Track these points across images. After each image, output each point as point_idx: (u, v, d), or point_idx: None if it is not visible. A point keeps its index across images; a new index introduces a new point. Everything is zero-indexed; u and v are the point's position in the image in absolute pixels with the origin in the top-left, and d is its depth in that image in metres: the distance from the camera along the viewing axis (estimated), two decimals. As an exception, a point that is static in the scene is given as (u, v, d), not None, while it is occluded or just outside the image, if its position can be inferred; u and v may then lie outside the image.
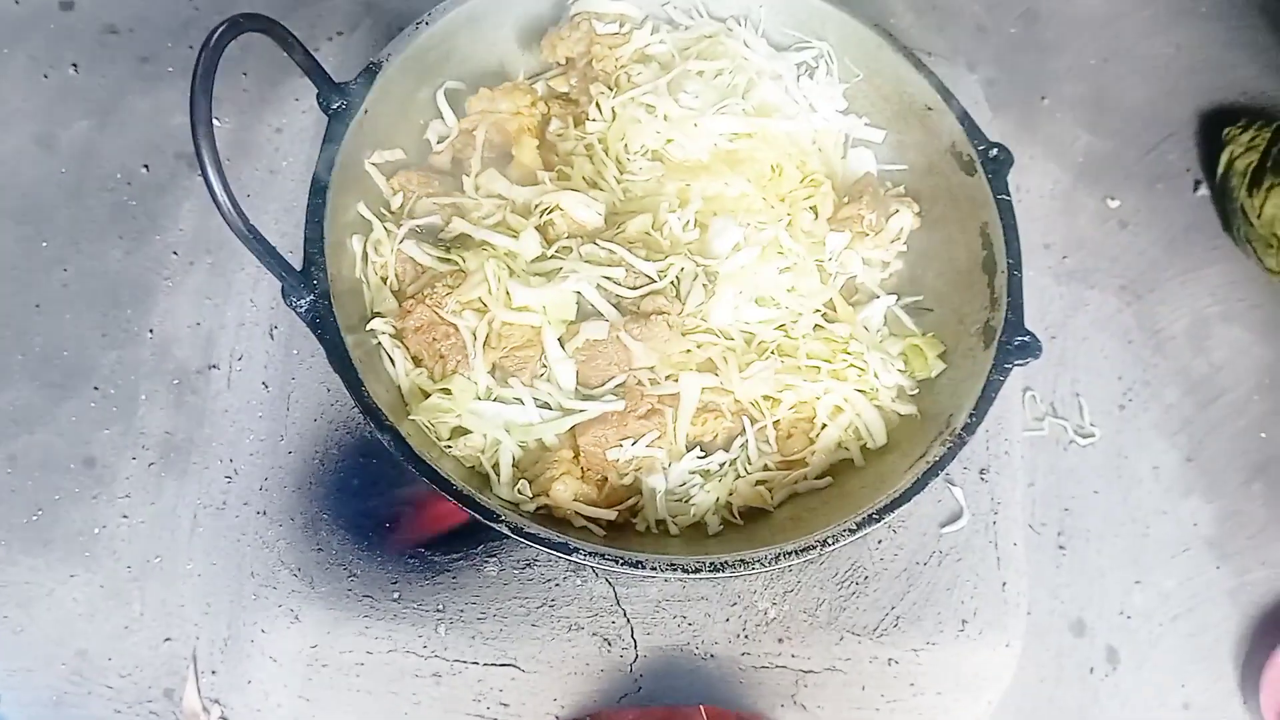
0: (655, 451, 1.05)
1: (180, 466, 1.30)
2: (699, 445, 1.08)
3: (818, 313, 1.15)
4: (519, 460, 1.05)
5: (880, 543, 1.16)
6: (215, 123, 1.44)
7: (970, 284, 1.14)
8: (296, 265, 0.99)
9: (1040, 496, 1.42)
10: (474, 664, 1.09)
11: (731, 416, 1.09)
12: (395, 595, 1.09)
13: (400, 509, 1.12)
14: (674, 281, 1.10)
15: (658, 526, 1.06)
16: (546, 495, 1.02)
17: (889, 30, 1.22)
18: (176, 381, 1.35)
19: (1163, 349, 1.55)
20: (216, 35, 0.88)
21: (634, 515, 1.07)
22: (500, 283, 1.06)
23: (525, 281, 1.06)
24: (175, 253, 1.42)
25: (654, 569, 0.93)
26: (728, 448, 1.09)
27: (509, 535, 0.93)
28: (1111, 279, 1.58)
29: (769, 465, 1.10)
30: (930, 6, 1.68)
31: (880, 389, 1.12)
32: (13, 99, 1.51)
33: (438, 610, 1.08)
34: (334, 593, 1.09)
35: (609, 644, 1.09)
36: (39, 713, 1.21)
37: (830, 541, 0.96)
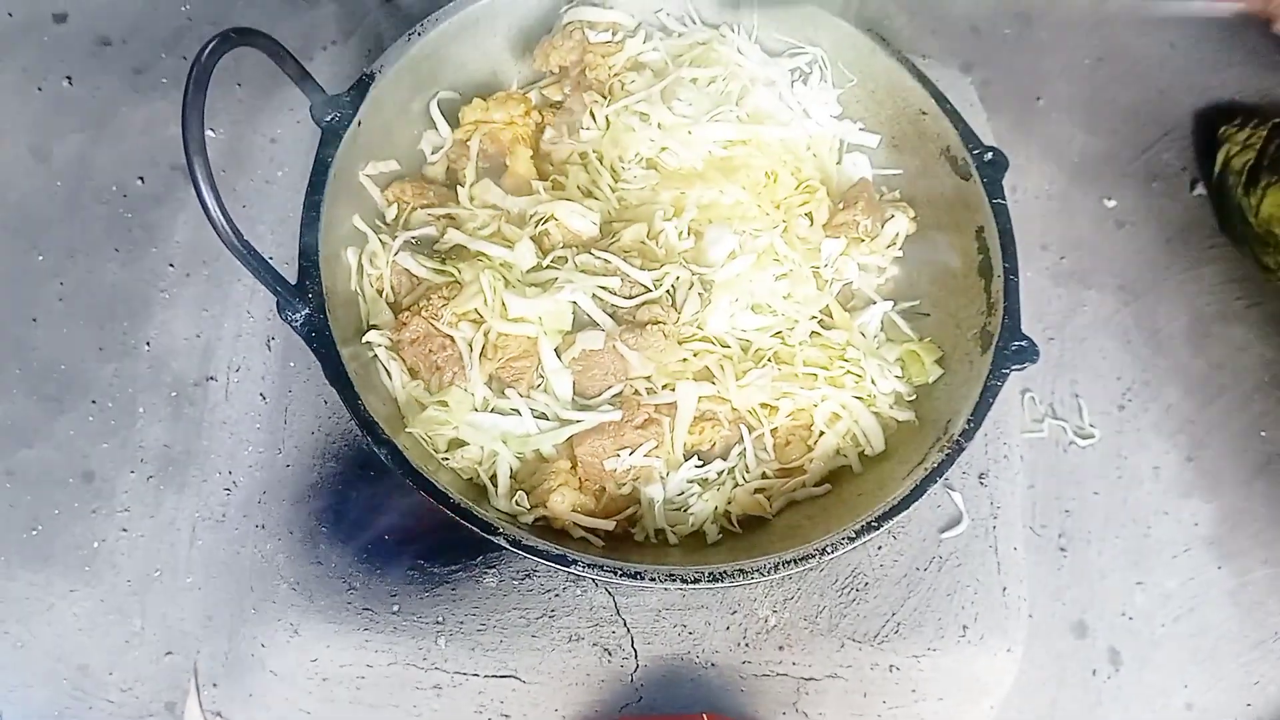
0: (653, 461, 1.05)
1: (179, 479, 1.30)
2: (697, 454, 1.08)
3: (814, 319, 1.15)
4: (516, 471, 1.05)
5: (880, 549, 1.16)
6: (209, 134, 1.47)
7: (967, 289, 1.14)
8: (292, 278, 0.99)
9: (1040, 498, 1.42)
10: (474, 676, 1.09)
11: (729, 425, 1.09)
12: (395, 608, 1.08)
13: (398, 522, 1.12)
14: (670, 290, 1.10)
15: (657, 536, 1.06)
16: (544, 506, 1.02)
17: (882, 35, 1.22)
18: (174, 394, 1.35)
19: (1162, 348, 1.55)
20: (207, 51, 0.87)
21: (633, 525, 1.07)
22: (496, 294, 1.06)
23: (521, 292, 1.06)
24: (171, 265, 1.42)
25: (653, 579, 0.93)
26: (725, 456, 1.09)
27: (508, 548, 0.93)
28: (1109, 279, 1.58)
29: (767, 473, 1.10)
30: (923, 8, 1.68)
31: (878, 395, 1.12)
32: (6, 112, 1.50)
33: (437, 622, 1.08)
34: (333, 606, 1.09)
35: (609, 654, 1.09)
36: (40, 728, 1.21)
37: (829, 550, 0.97)
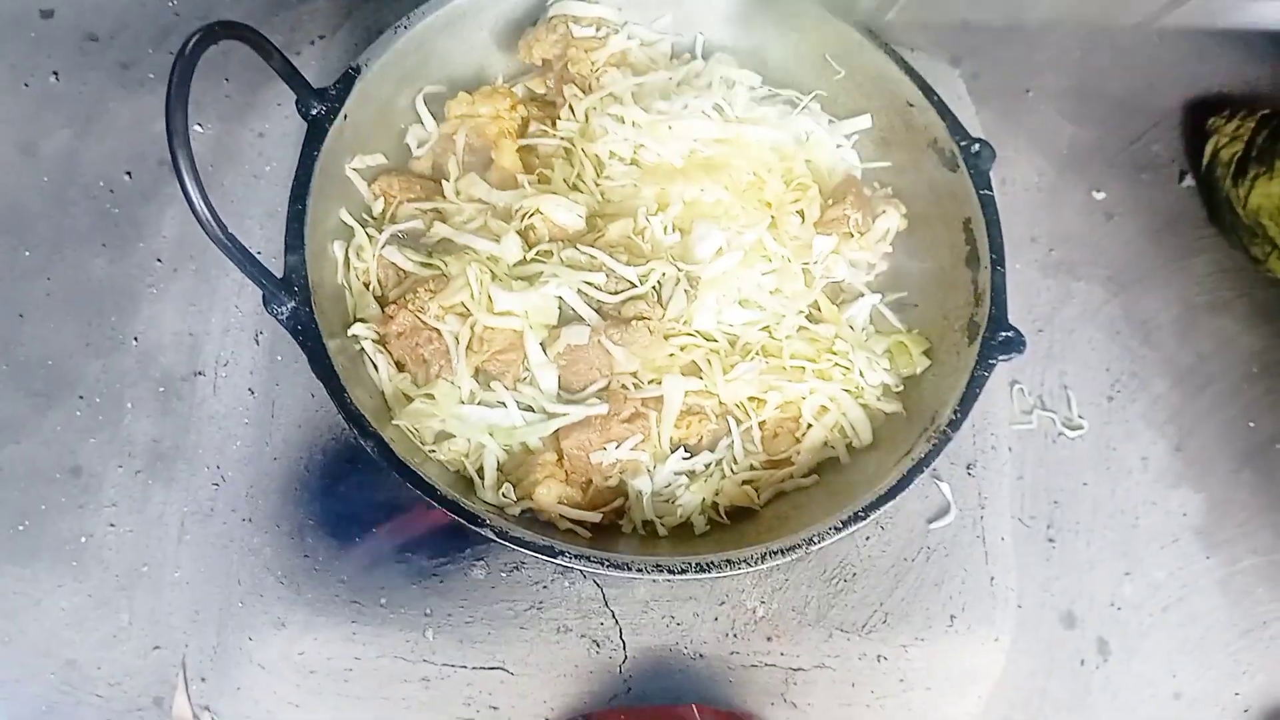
0: (639, 454, 1.05)
1: (167, 474, 1.30)
2: (684, 447, 1.08)
3: (802, 314, 1.15)
4: (503, 464, 1.05)
5: (868, 539, 1.16)
6: (197, 129, 1.47)
7: (954, 280, 1.14)
8: (279, 272, 0.99)
9: (1029, 489, 1.42)
10: (462, 668, 1.09)
11: (716, 418, 1.09)
12: (382, 600, 1.08)
13: (386, 514, 1.12)
14: (655, 287, 1.09)
15: (644, 528, 1.06)
16: (531, 498, 1.02)
17: (869, 27, 1.22)
18: (162, 389, 1.35)
19: (1150, 340, 1.55)
20: (191, 44, 0.87)
21: (620, 517, 1.07)
22: (482, 287, 1.06)
23: (507, 286, 1.06)
24: (159, 260, 1.41)
25: (640, 570, 0.94)
26: (713, 449, 1.09)
27: (494, 539, 0.93)
28: (1098, 270, 1.58)
29: (755, 465, 1.10)
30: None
31: (866, 387, 1.12)
32: (-7, 107, 1.50)
33: (425, 614, 1.08)
34: (321, 598, 1.09)
35: (598, 645, 1.10)
36: (29, 723, 1.21)
37: (817, 540, 0.97)
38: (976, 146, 1.14)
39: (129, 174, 1.46)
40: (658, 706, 1.12)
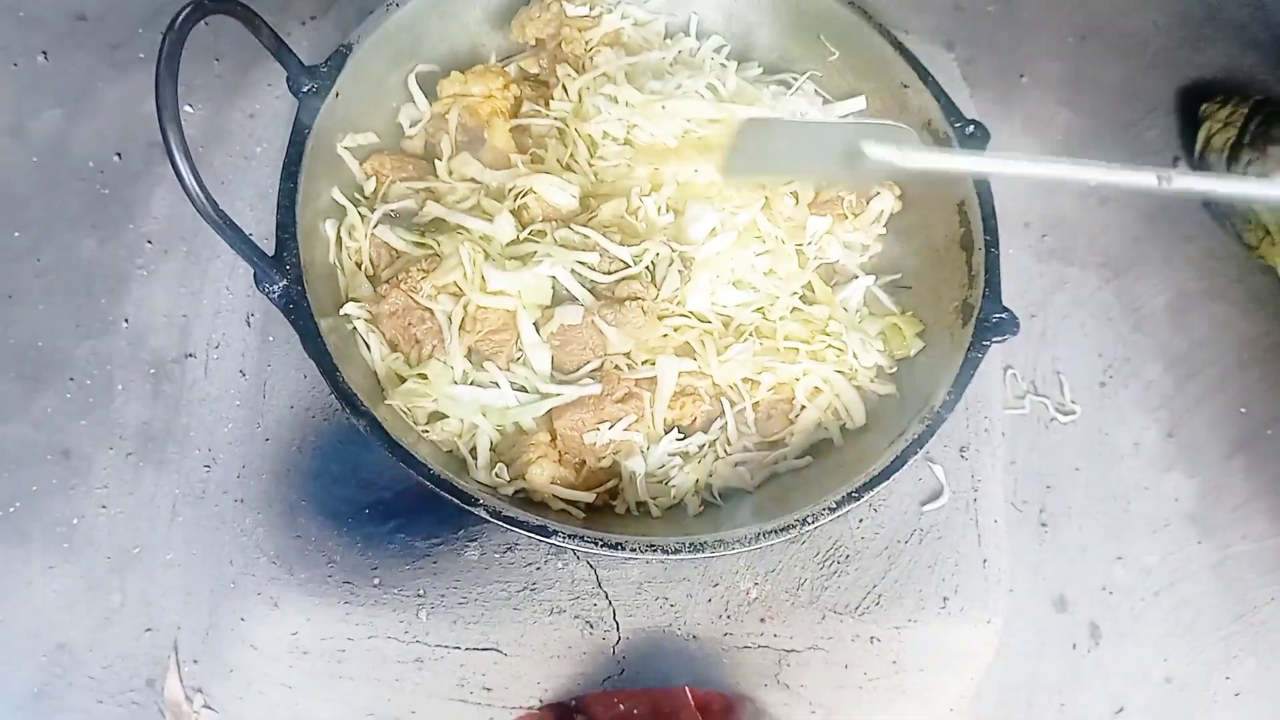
0: (633, 435, 1.04)
1: (158, 456, 1.29)
2: (677, 428, 1.08)
3: (795, 295, 1.14)
4: (496, 444, 1.05)
5: (861, 521, 1.16)
6: (187, 110, 1.46)
7: (948, 262, 1.14)
8: (270, 251, 0.98)
9: (1022, 474, 1.43)
10: (456, 649, 1.09)
11: (710, 399, 1.09)
12: (375, 581, 1.08)
13: (378, 495, 1.11)
14: (649, 267, 1.09)
15: (638, 508, 1.06)
16: (524, 478, 1.01)
17: (865, 8, 1.22)
18: (153, 371, 1.34)
19: (1143, 326, 1.55)
20: (181, 18, 0.86)
21: (614, 498, 1.07)
22: (475, 266, 1.05)
23: (500, 265, 1.06)
24: (149, 242, 1.40)
25: (633, 550, 0.93)
26: (706, 430, 1.09)
27: (487, 519, 0.93)
28: (1091, 257, 1.58)
29: (748, 446, 1.10)
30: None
31: (859, 369, 1.12)
32: (-18, 88, 1.49)
33: (418, 595, 1.08)
34: (313, 579, 1.08)
35: (591, 627, 1.09)
36: (20, 705, 1.20)
37: (810, 520, 0.97)
38: (971, 128, 1.14)
39: (119, 155, 1.45)
40: (651, 688, 1.12)
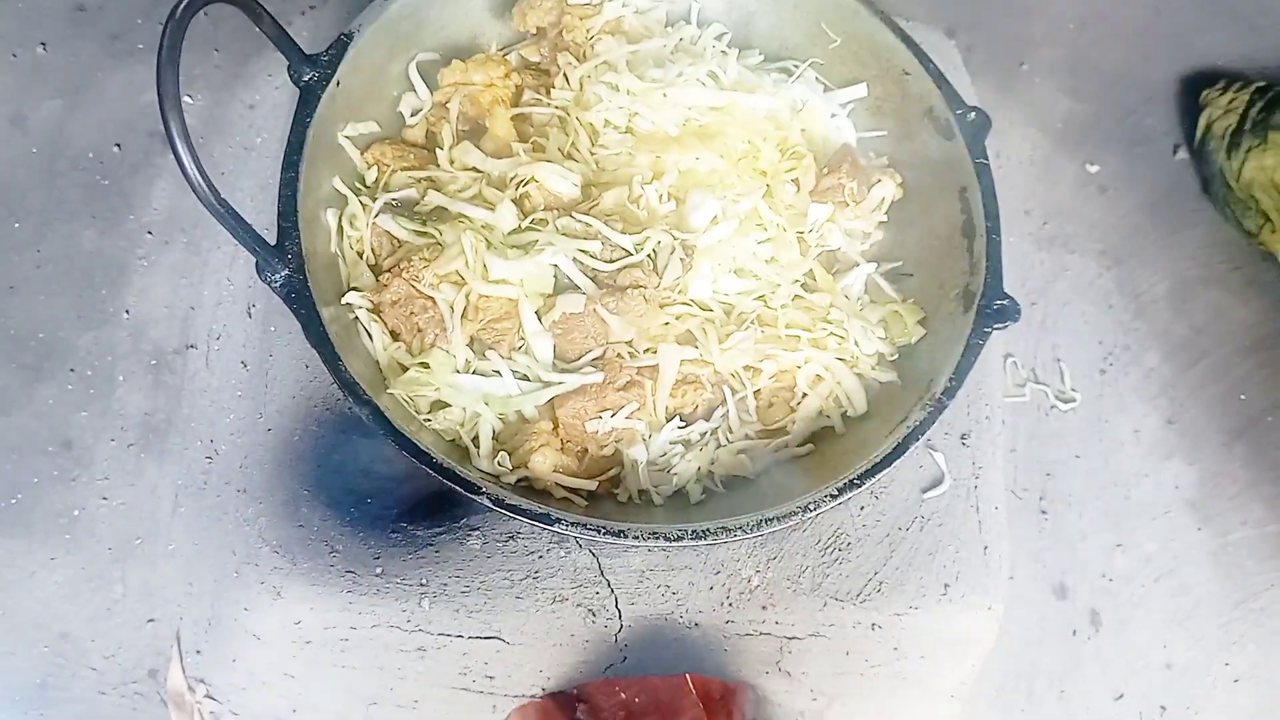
0: (635, 423, 1.04)
1: (159, 447, 1.30)
2: (679, 416, 1.08)
3: (797, 283, 1.14)
4: (499, 433, 1.05)
5: (862, 508, 1.17)
6: (188, 100, 1.46)
7: (950, 248, 1.14)
8: (271, 241, 0.98)
9: (1022, 462, 1.43)
10: (458, 637, 1.09)
11: (711, 387, 1.09)
12: (378, 570, 1.08)
13: (380, 484, 1.12)
14: (651, 255, 1.09)
15: (640, 496, 1.06)
16: (526, 467, 1.02)
17: (866, -4, 1.22)
18: (154, 362, 1.34)
19: (1143, 313, 1.56)
20: (182, 6, 0.86)
21: (616, 486, 1.07)
22: (477, 255, 1.05)
23: (502, 254, 1.06)
24: (150, 232, 1.40)
25: (636, 538, 0.93)
26: (708, 418, 1.09)
27: (490, 507, 0.93)
28: (1092, 244, 1.58)
29: (750, 434, 1.10)
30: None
31: (860, 357, 1.12)
32: (-19, 79, 1.49)
33: (421, 584, 1.08)
34: (316, 569, 1.08)
35: (594, 615, 1.09)
36: (23, 696, 1.20)
37: (812, 507, 0.97)
38: (972, 115, 1.14)
39: (119, 146, 1.45)
40: (653, 676, 1.12)
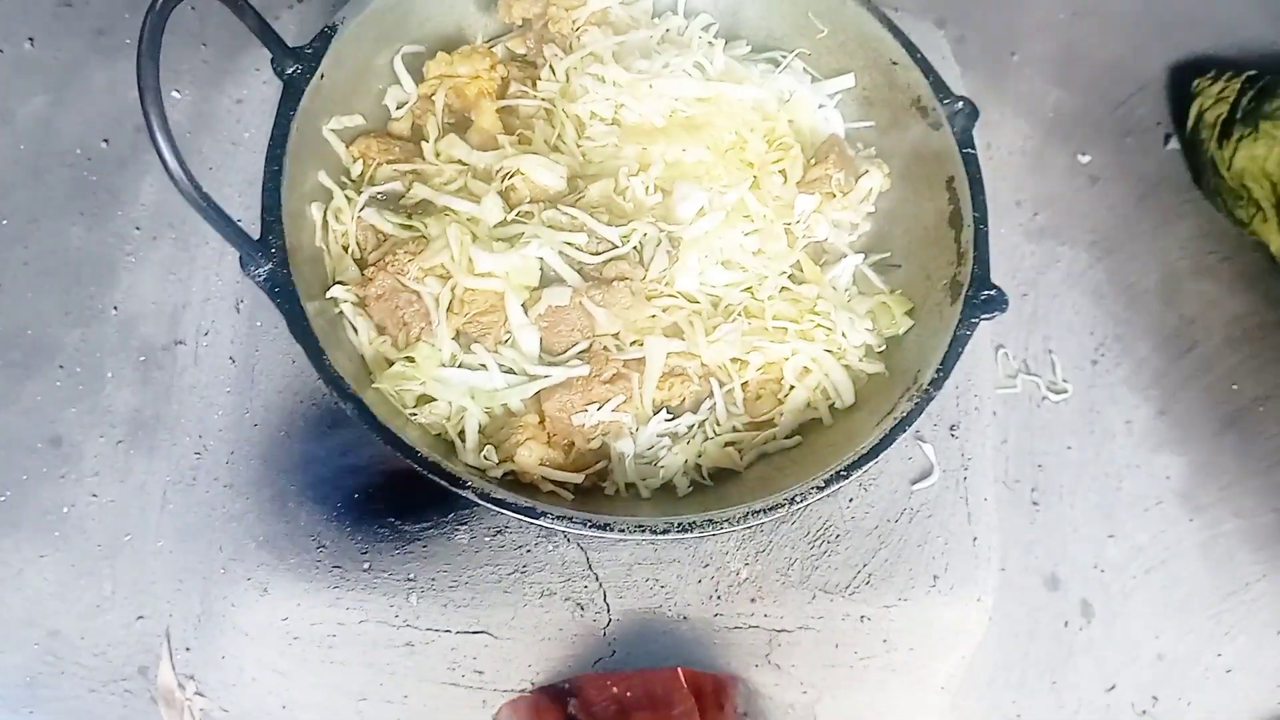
0: (621, 416, 1.04)
1: (148, 444, 1.29)
2: (666, 408, 1.08)
3: (784, 274, 1.14)
4: (485, 427, 1.05)
5: (851, 501, 1.16)
6: (174, 95, 1.45)
7: (937, 239, 1.14)
8: (256, 236, 0.98)
9: (1014, 453, 1.43)
10: (447, 632, 1.09)
11: (698, 380, 1.08)
12: (365, 565, 1.08)
13: (367, 479, 1.11)
14: (637, 247, 1.09)
15: (627, 490, 1.06)
16: (512, 460, 1.01)
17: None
18: (142, 358, 1.33)
19: (1134, 304, 1.55)
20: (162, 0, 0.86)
21: (603, 479, 1.07)
22: (463, 248, 1.05)
23: (488, 247, 1.05)
24: (137, 228, 1.40)
25: (622, 531, 0.93)
26: (695, 410, 1.09)
27: (475, 501, 0.93)
28: (1083, 235, 1.58)
29: (737, 426, 1.10)
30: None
31: (848, 348, 1.12)
32: (-33, 75, 1.48)
33: (409, 579, 1.08)
34: (303, 564, 1.08)
35: (582, 609, 1.09)
36: (12, 693, 1.20)
37: (798, 499, 0.96)
38: (960, 105, 1.14)
39: (106, 141, 1.44)
40: (644, 670, 1.12)
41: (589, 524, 0.93)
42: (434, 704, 1.15)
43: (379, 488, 1.11)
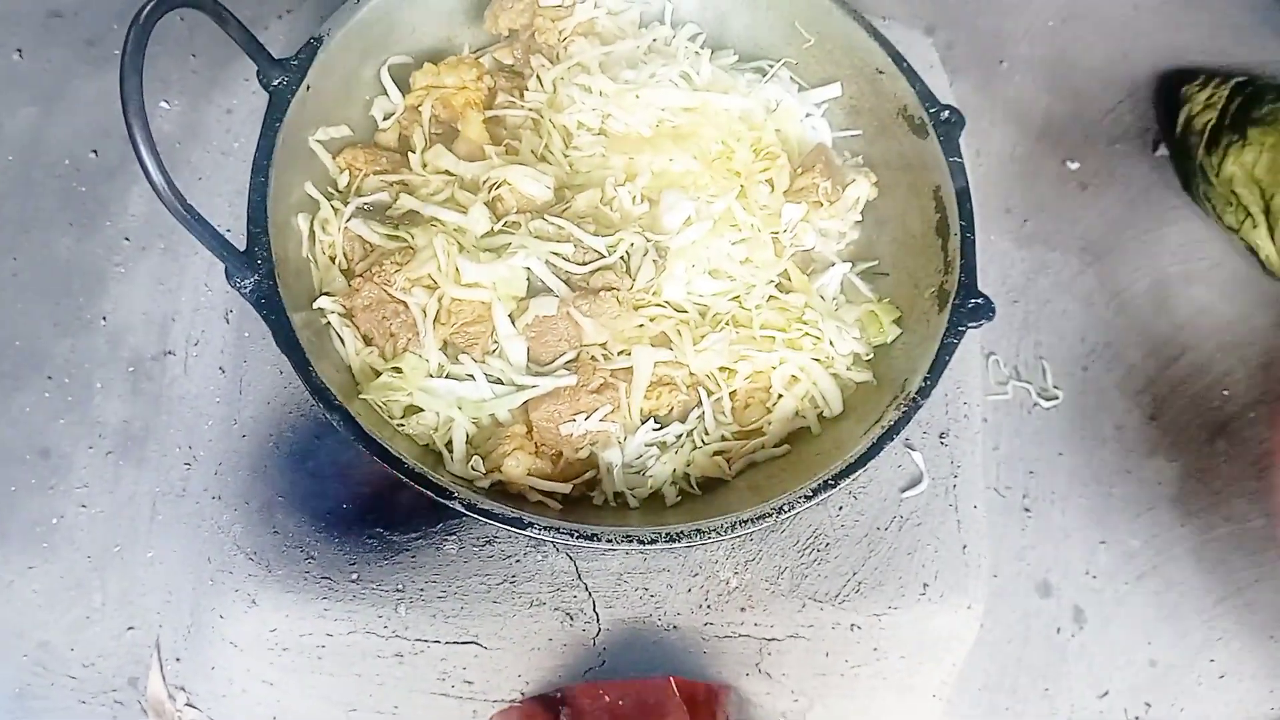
0: (609, 426, 1.04)
1: (138, 455, 1.29)
2: (654, 418, 1.08)
3: (772, 283, 1.14)
4: (472, 437, 1.05)
5: (841, 509, 1.16)
6: (164, 106, 1.46)
7: (924, 248, 1.14)
8: (242, 247, 0.98)
9: (1005, 460, 1.43)
10: (436, 643, 1.08)
11: (686, 389, 1.08)
12: (354, 576, 1.08)
13: (355, 489, 1.11)
14: (624, 257, 1.09)
15: (616, 499, 1.06)
16: (500, 471, 1.01)
17: (841, -7, 1.21)
18: (132, 369, 1.33)
19: (1125, 309, 1.55)
20: (146, 11, 0.86)
21: (591, 489, 1.06)
22: (450, 259, 1.05)
23: (475, 257, 1.05)
24: (127, 239, 1.40)
25: (610, 540, 0.93)
26: (684, 420, 1.09)
27: (463, 511, 0.93)
28: (1072, 241, 1.58)
29: (726, 436, 1.10)
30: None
31: (836, 357, 1.11)
32: (-44, 87, 1.48)
33: (397, 590, 1.08)
34: (291, 575, 1.08)
35: (571, 619, 1.09)
36: (2, 705, 1.20)
37: (787, 508, 0.96)
38: (946, 113, 1.14)
39: (95, 152, 1.45)
40: (636, 679, 1.11)
41: (577, 534, 0.93)
42: (424, 715, 1.15)
43: (367, 498, 1.11)
